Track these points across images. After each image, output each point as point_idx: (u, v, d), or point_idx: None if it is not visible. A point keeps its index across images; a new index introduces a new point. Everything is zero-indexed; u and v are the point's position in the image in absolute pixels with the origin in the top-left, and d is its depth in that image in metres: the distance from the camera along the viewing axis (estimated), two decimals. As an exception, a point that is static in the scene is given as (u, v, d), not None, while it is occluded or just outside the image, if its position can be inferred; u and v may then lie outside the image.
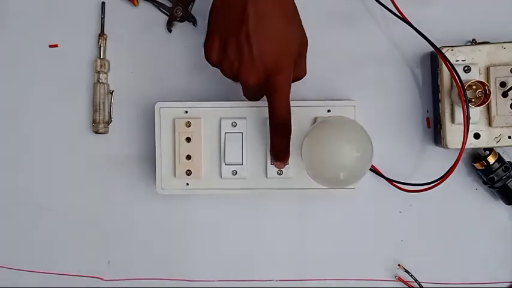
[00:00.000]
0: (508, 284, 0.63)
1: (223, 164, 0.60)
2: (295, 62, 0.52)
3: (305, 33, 0.53)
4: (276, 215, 0.64)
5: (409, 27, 0.59)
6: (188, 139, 0.60)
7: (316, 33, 0.59)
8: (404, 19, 0.59)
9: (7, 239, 0.66)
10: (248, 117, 0.60)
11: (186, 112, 0.60)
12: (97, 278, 0.65)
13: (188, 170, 0.60)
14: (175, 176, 0.60)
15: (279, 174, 0.60)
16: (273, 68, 0.50)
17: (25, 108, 0.65)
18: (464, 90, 0.56)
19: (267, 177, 0.60)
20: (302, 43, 0.53)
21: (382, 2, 0.60)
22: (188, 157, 0.60)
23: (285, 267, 0.64)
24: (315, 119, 0.59)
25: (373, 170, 0.62)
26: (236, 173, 0.60)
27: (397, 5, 0.60)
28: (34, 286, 0.65)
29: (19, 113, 0.65)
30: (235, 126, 0.60)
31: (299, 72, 0.53)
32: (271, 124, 0.53)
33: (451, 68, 0.56)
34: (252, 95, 0.54)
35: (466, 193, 0.63)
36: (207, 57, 0.52)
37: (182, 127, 0.59)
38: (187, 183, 0.60)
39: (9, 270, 0.66)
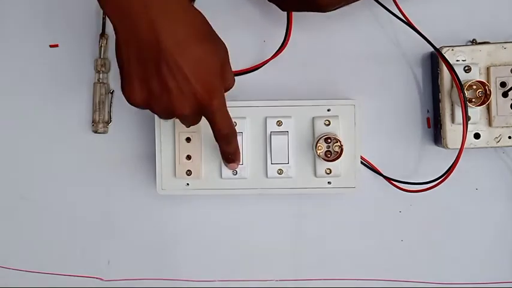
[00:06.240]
0: (508, 284, 0.63)
1: (223, 164, 0.60)
2: (221, 76, 0.49)
3: (221, 41, 0.49)
4: (276, 215, 0.64)
5: (409, 27, 0.59)
6: (188, 139, 0.60)
7: (316, 34, 0.59)
8: (404, 19, 0.59)
9: (7, 239, 0.66)
10: (248, 117, 0.60)
11: (186, 112, 0.60)
12: (97, 278, 0.65)
13: (188, 170, 0.60)
14: (175, 176, 0.60)
15: (278, 174, 0.60)
16: (204, 93, 0.47)
17: (25, 107, 0.65)
18: (463, 90, 0.56)
19: (267, 177, 0.60)
20: (222, 55, 0.49)
21: (382, 2, 0.60)
22: (188, 157, 0.60)
23: (284, 267, 0.64)
24: (313, 119, 0.59)
25: (373, 169, 0.62)
26: (236, 173, 0.60)
27: (398, 5, 0.60)
28: (34, 286, 0.65)
29: (19, 113, 0.65)
30: (235, 126, 0.59)
31: (228, 83, 0.50)
32: (218, 138, 0.52)
33: (451, 68, 0.56)
34: (190, 122, 0.51)
35: (466, 193, 0.63)
36: (131, 100, 0.47)
37: (182, 127, 0.59)
38: (188, 184, 0.60)
39: (9, 270, 0.66)
